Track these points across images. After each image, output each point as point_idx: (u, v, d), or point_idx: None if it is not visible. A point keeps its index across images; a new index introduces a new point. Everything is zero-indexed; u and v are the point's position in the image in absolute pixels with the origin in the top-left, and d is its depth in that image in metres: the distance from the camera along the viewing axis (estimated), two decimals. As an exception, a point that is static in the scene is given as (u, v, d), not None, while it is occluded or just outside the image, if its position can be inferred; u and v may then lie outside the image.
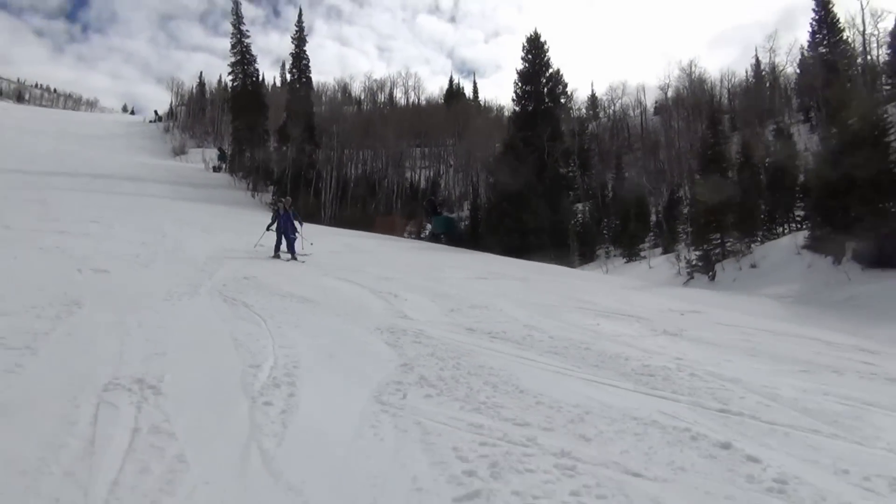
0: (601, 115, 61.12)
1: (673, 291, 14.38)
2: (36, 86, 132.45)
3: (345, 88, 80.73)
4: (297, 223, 13.60)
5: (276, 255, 13.12)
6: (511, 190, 27.22)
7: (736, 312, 10.33)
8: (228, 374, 4.20)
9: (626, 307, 9.33)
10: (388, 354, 5.10)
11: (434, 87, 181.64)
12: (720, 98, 49.15)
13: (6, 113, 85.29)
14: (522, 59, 35.30)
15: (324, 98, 75.35)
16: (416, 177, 50.50)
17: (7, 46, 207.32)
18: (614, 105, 57.88)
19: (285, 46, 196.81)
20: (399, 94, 78.38)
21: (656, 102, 54.40)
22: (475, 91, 76.21)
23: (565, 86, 56.11)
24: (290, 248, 13.26)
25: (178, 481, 2.66)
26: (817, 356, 6.34)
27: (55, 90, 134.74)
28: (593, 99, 64.17)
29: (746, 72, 52.15)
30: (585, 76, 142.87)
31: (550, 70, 35.12)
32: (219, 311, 6.65)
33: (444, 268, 14.19)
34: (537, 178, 27.51)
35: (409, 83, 78.49)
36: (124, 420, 3.27)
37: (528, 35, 35.71)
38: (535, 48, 35.08)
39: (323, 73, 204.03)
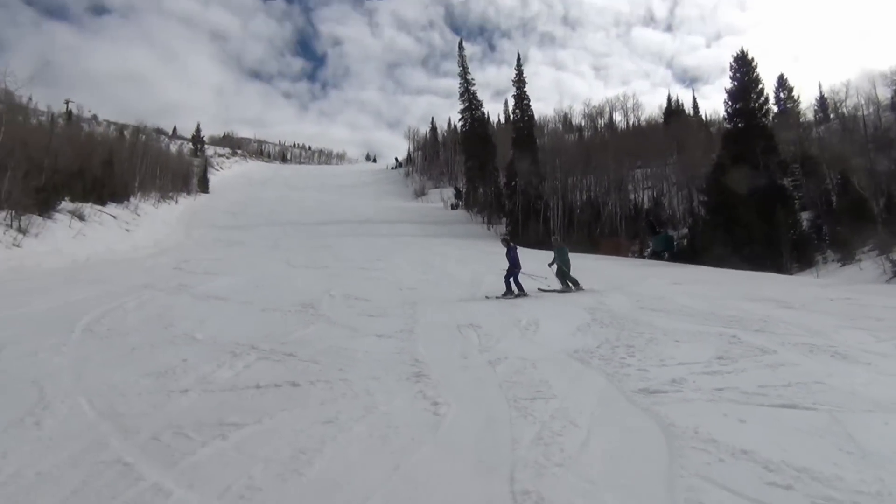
0: (831, 115, 59.15)
1: (855, 287, 16.62)
2: (294, 145, 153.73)
3: (565, 118, 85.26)
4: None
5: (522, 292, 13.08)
6: (722, 206, 29.85)
7: (882, 297, 13.04)
8: (512, 323, 8.91)
9: (781, 296, 12.62)
10: (584, 316, 9.51)
11: (655, 101, 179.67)
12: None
13: (276, 173, 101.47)
14: (731, 77, 37.33)
15: (546, 129, 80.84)
16: (640, 197, 53.10)
17: (262, 111, 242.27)
18: (845, 103, 55.88)
19: (503, 78, 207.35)
20: (619, 118, 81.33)
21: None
22: (695, 105, 76.69)
23: (791, 90, 55.99)
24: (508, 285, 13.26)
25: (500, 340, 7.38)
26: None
27: (310, 147, 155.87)
28: (822, 100, 62.23)
29: None
30: (814, 72, 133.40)
31: (760, 85, 36.67)
32: (494, 305, 11.47)
33: (649, 277, 17.96)
34: (748, 194, 29.66)
35: (628, 105, 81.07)
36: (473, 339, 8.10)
37: (735, 54, 37.58)
38: (742, 66, 36.96)
39: (541, 100, 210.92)
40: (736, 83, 36.94)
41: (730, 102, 36.71)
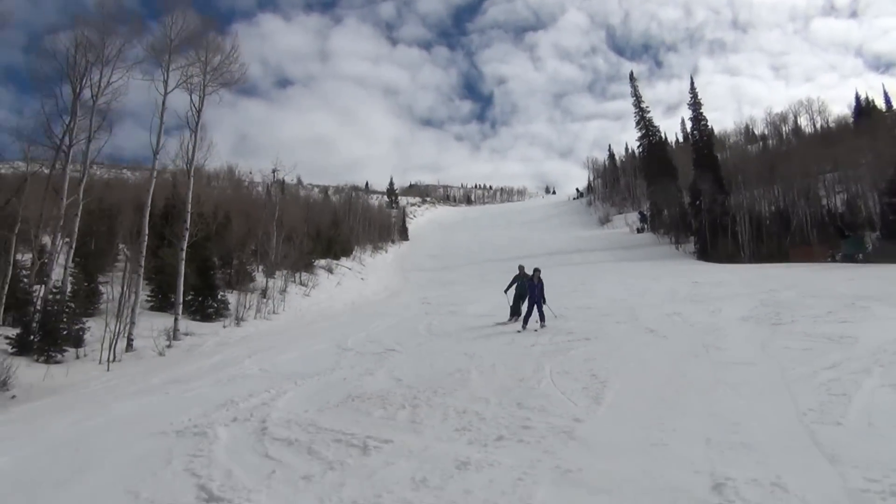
0: None
1: None
2: (476, 186, 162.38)
3: (747, 129, 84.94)
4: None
5: (524, 327, 14.20)
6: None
7: None
8: (699, 310, 13.04)
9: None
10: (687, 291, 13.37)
11: (847, 95, 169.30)
12: None
13: (464, 215, 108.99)
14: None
15: (727, 143, 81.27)
16: (833, 202, 52.92)
17: (436, 155, 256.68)
18: None
19: (674, 92, 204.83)
20: (804, 122, 79.77)
21: None
22: (887, 100, 73.41)
23: None
24: (542, 316, 14.36)
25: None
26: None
27: (490, 187, 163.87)
28: None
29: None
30: None
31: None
32: (676, 303, 15.51)
33: (827, 278, 20.95)
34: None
35: (813, 108, 79.25)
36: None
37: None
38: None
39: (718, 109, 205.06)
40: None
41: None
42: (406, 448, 5.53)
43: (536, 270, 15.22)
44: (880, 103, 72.27)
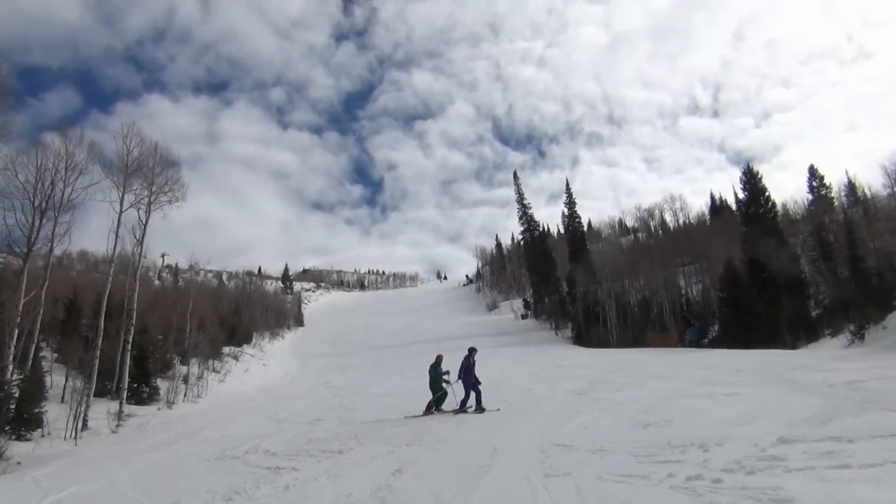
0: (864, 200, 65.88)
1: (805, 353, 24.80)
2: (369, 272, 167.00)
3: (620, 222, 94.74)
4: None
5: (463, 409, 14.90)
6: (733, 299, 38.02)
7: (780, 358, 21.42)
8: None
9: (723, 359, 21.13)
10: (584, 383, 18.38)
11: (714, 186, 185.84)
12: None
13: (358, 301, 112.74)
14: (742, 189, 46.65)
15: (602, 235, 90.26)
16: (691, 292, 60.41)
17: (326, 239, 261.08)
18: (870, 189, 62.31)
19: (556, 181, 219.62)
20: (669, 217, 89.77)
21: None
22: (737, 198, 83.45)
23: (822, 178, 63.38)
24: (479, 400, 14.78)
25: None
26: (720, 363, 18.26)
27: (384, 272, 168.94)
28: (851, 187, 69.31)
29: None
30: (873, 141, 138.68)
31: (767, 193, 45.52)
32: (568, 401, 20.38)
33: (664, 360, 26.54)
34: (758, 289, 37.66)
35: (676, 205, 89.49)
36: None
37: (743, 169, 47.16)
38: (750, 178, 46.10)
39: (597, 199, 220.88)
40: (746, 193, 46.01)
41: (742, 209, 45.59)
42: (365, 453, 9.77)
43: (472, 350, 15.82)
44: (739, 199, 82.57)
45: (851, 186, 69.09)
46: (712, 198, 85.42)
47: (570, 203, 64.86)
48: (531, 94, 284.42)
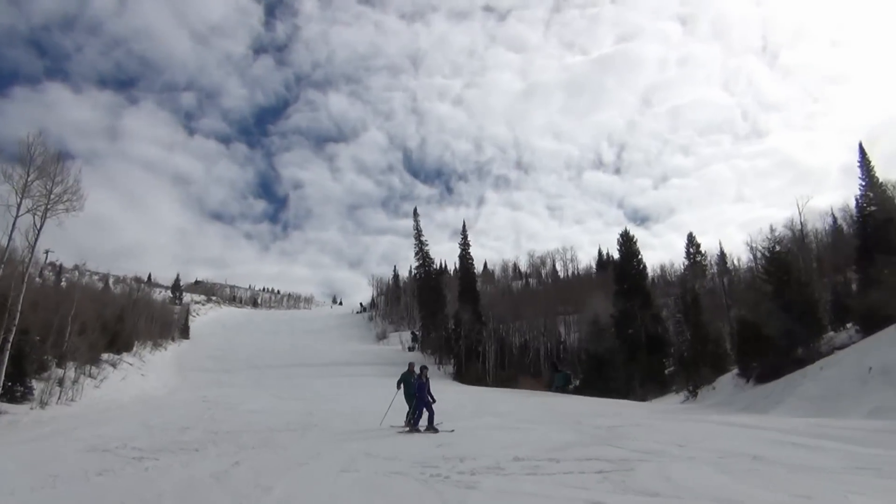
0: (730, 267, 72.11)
1: (641, 404, 28.13)
2: (263, 290, 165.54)
3: (515, 267, 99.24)
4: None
5: (416, 428, 15.48)
6: (595, 354, 41.95)
7: (629, 408, 24.48)
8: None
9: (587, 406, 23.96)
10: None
11: (610, 239, 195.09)
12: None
13: (249, 319, 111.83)
14: (618, 249, 50.99)
15: (495, 276, 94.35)
16: (569, 339, 64.57)
17: (222, 251, 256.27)
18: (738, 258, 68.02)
19: (461, 217, 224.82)
20: (560, 267, 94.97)
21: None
22: (620, 255, 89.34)
23: (698, 246, 68.63)
24: (431, 417, 15.30)
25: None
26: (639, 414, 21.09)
27: (279, 291, 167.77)
28: (722, 256, 75.71)
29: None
30: (760, 211, 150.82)
31: (639, 256, 50.11)
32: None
33: (523, 401, 29.25)
34: (620, 343, 41.64)
35: (567, 256, 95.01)
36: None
37: (621, 232, 51.64)
38: (626, 241, 50.56)
39: (500, 239, 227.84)
40: (622, 253, 50.30)
41: (617, 269, 49.82)
42: (216, 451, 11.67)
43: (424, 368, 16.36)
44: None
45: (722, 256, 75.48)
46: (600, 253, 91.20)
47: (465, 244, 68.39)
48: (445, 130, 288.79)
